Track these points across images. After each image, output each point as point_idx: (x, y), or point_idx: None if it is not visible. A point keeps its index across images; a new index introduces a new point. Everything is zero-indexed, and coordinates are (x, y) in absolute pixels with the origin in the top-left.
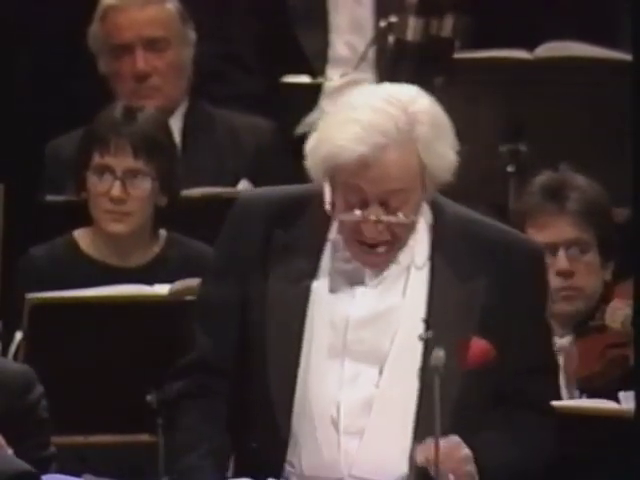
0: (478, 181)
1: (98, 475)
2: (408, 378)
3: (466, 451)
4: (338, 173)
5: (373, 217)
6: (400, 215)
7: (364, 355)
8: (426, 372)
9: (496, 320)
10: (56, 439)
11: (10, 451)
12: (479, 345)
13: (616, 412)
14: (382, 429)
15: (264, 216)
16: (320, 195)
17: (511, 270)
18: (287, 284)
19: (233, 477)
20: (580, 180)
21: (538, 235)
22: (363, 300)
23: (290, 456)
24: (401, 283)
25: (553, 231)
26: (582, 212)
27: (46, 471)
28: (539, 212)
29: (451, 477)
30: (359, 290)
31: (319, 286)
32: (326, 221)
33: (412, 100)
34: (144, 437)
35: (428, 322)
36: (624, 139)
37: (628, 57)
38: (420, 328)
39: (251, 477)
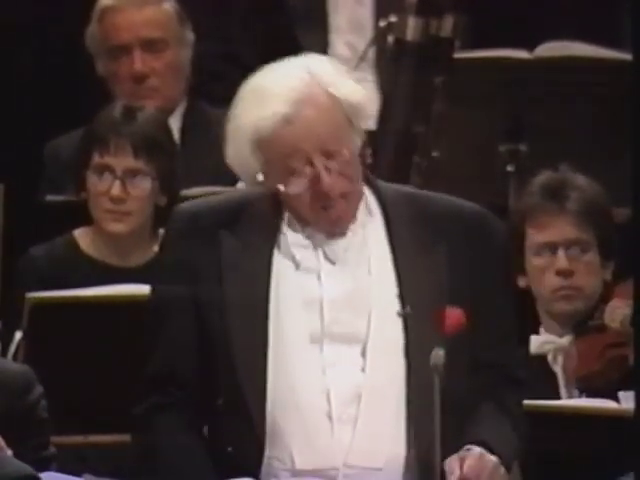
0: (478, 181)
1: (98, 475)
2: (392, 359)
3: (492, 459)
4: (269, 148)
5: (321, 167)
6: (344, 152)
7: (343, 337)
8: (410, 349)
9: (463, 287)
10: (56, 439)
11: (10, 452)
12: (454, 313)
13: (616, 412)
14: (375, 414)
15: (207, 222)
16: (263, 195)
17: (468, 236)
18: (243, 278)
19: None
20: (580, 180)
21: (538, 235)
22: (331, 280)
23: (277, 452)
24: (365, 260)
25: (553, 231)
26: (582, 212)
27: (46, 471)
28: (539, 212)
29: None
30: (324, 269)
31: (279, 274)
32: (276, 215)
33: (299, 59)
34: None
35: (403, 297)
36: (624, 139)
37: (628, 57)
38: (392, 304)
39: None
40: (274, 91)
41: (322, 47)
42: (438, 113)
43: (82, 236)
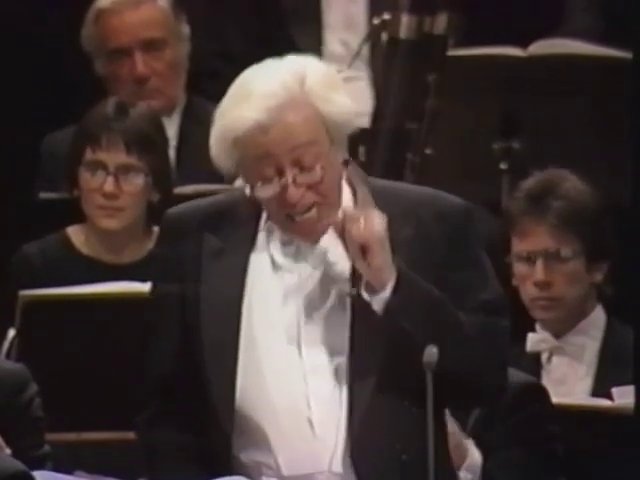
0: (471, 178)
1: (90, 472)
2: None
3: (379, 212)
4: (243, 148)
5: (290, 179)
6: (317, 169)
7: (321, 340)
8: (355, 329)
9: (426, 274)
10: (49, 436)
11: (9, 451)
12: None
13: (615, 409)
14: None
15: (193, 226)
16: (245, 196)
17: (433, 225)
18: (219, 278)
19: None
20: (567, 184)
21: (520, 244)
22: (308, 281)
23: (265, 458)
24: (342, 260)
25: (533, 241)
26: (563, 223)
27: (41, 470)
28: (521, 220)
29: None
30: (303, 270)
31: (256, 274)
32: (255, 216)
33: (297, 62)
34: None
35: (354, 280)
36: (618, 136)
37: (622, 54)
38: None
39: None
40: (256, 93)
41: (316, 44)
42: (431, 110)
43: (75, 233)
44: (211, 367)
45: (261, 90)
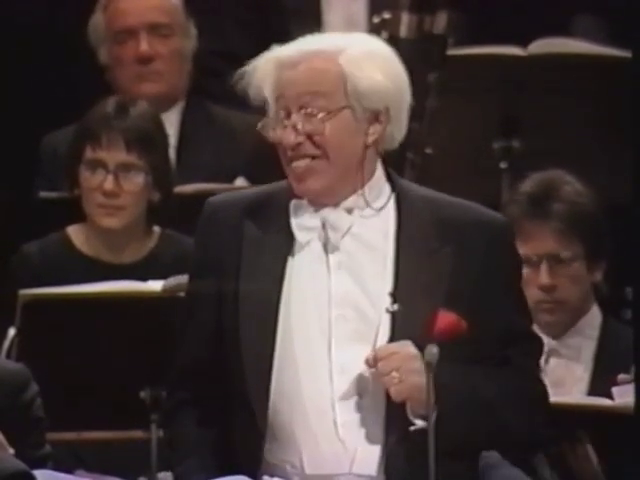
0: (471, 177)
1: (91, 471)
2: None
3: (412, 349)
4: (272, 84)
5: (292, 123)
6: (318, 118)
7: (350, 334)
8: (395, 338)
9: (464, 289)
10: (49, 436)
11: (11, 451)
12: (446, 318)
13: (615, 409)
14: (378, 421)
15: (234, 214)
16: (285, 187)
17: (477, 240)
18: (259, 273)
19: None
20: (567, 188)
21: (522, 247)
22: (339, 276)
23: (289, 456)
24: (370, 254)
25: (535, 244)
26: (566, 226)
27: (41, 469)
28: (523, 223)
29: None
30: (333, 261)
31: (293, 269)
32: (288, 200)
33: (348, 36)
34: (137, 433)
35: (395, 295)
36: (619, 136)
37: (622, 53)
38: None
39: (229, 471)
40: (298, 43)
41: None
42: (432, 110)
43: (75, 233)
44: (247, 362)
45: (302, 41)
